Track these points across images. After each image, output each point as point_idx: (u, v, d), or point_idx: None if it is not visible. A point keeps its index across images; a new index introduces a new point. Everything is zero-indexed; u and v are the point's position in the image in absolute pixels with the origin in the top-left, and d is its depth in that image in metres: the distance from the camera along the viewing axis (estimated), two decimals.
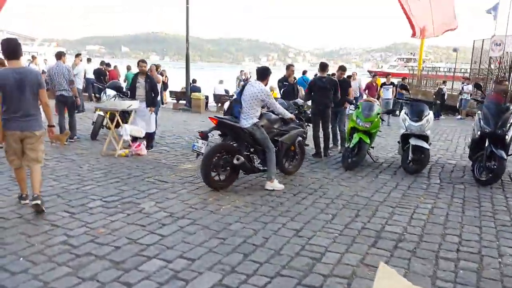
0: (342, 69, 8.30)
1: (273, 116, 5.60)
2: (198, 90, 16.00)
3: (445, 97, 16.76)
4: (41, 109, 4.29)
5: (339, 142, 8.08)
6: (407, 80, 22.89)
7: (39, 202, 4.01)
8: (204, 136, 5.43)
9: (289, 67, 8.51)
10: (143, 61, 7.42)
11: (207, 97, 15.71)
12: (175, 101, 16.87)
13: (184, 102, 15.74)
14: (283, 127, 5.64)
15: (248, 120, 5.13)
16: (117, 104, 7.00)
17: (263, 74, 5.25)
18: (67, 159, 6.38)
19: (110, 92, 8.23)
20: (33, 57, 16.09)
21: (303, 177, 5.94)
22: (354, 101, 8.71)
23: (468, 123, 13.46)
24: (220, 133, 5.97)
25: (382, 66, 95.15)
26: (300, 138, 6.02)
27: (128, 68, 14.75)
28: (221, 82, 16.89)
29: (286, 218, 4.23)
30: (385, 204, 4.85)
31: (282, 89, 8.44)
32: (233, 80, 19.81)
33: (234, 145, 5.26)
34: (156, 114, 7.74)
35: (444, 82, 17.92)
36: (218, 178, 5.10)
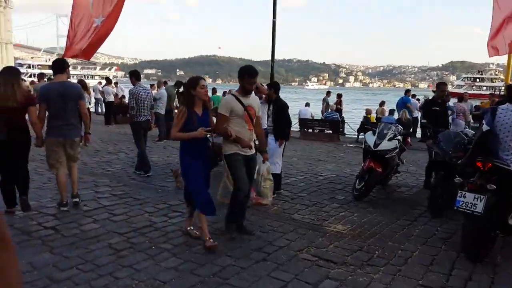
0: None
1: None
2: None
3: None
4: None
5: None
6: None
7: (78, 200, 4.73)
8: (476, 188, 3.56)
9: (440, 86, 6.54)
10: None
11: None
12: None
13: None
14: None
15: None
16: None
17: None
18: (177, 212, 4.77)
19: None
20: (108, 80, 15.32)
21: None
22: None
23: None
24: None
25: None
26: None
27: (214, 91, 12.97)
28: (307, 104, 14.86)
29: None
30: None
31: (429, 114, 6.46)
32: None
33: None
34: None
35: None
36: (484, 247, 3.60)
